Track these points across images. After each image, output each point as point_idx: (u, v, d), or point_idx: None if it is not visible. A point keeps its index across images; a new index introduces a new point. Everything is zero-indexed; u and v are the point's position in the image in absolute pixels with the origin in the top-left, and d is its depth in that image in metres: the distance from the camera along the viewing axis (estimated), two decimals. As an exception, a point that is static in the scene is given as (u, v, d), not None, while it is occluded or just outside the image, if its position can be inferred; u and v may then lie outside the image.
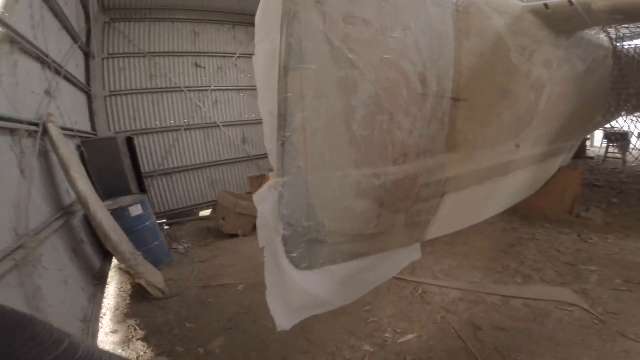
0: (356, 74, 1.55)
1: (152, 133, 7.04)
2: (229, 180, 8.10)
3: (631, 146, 7.90)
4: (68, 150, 3.62)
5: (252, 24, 1.61)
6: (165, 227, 6.71)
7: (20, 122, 2.88)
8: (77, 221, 3.93)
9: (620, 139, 8.26)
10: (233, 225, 5.81)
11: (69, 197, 3.86)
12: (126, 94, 6.71)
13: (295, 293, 1.70)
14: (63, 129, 3.94)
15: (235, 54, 7.91)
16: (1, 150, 2.61)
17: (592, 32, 3.48)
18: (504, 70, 2.41)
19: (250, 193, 7.14)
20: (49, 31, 4.06)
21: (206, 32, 7.64)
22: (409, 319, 3.17)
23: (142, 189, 6.16)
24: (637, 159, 4.58)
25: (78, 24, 5.51)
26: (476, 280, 3.77)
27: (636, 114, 4.25)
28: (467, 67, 2.03)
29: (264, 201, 1.52)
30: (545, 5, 2.55)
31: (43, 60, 3.77)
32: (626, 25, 3.67)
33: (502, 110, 2.60)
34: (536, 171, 4.41)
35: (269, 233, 1.56)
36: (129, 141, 6.08)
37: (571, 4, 2.54)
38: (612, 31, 3.77)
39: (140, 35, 6.85)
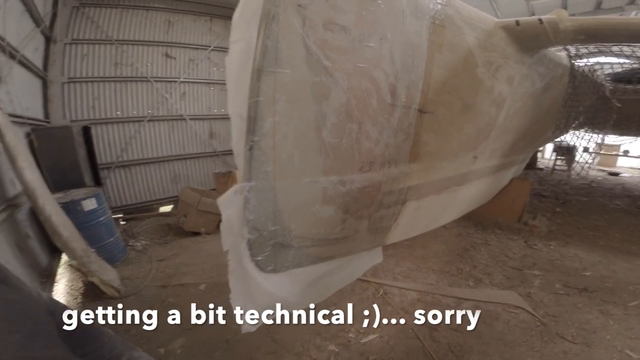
0: (329, 81, 1.56)
1: (111, 123, 6.66)
2: (193, 176, 7.85)
3: (575, 160, 8.60)
4: (16, 137, 3.34)
5: (231, 17, 1.55)
6: (122, 223, 6.37)
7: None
8: (22, 214, 3.64)
9: (566, 152, 9.00)
10: (195, 223, 5.63)
11: (13, 189, 3.56)
12: (86, 81, 6.32)
13: (260, 295, 1.70)
14: (12, 115, 3.65)
15: (210, 46, 7.71)
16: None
17: (554, 50, 3.57)
18: (470, 85, 2.50)
19: (215, 190, 6.96)
20: (11, 13, 3.85)
21: (181, 22, 7.38)
22: (371, 319, 3.29)
23: (98, 182, 5.82)
24: (580, 172, 4.96)
25: (44, 7, 5.19)
26: (432, 282, 3.95)
27: (582, 130, 4.57)
28: (436, 80, 2.11)
29: (229, 206, 1.49)
30: (517, 22, 2.62)
31: (-3, 43, 3.51)
32: (585, 45, 3.78)
33: (464, 123, 2.72)
34: (490, 182, 4.66)
35: (234, 237, 1.54)
36: (85, 130, 5.71)
37: (540, 22, 2.62)
38: (571, 49, 3.88)
39: (109, 22, 6.52)
